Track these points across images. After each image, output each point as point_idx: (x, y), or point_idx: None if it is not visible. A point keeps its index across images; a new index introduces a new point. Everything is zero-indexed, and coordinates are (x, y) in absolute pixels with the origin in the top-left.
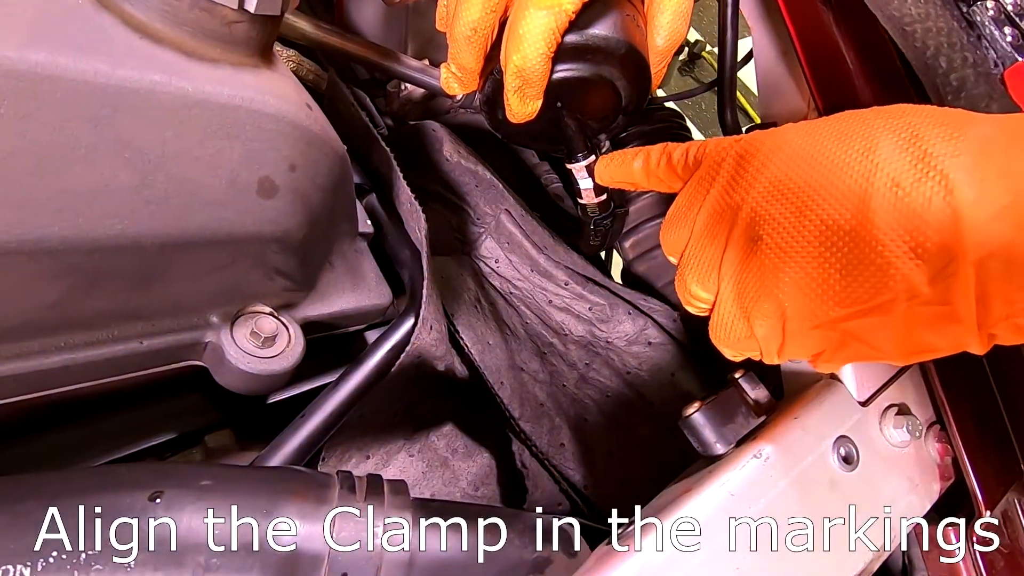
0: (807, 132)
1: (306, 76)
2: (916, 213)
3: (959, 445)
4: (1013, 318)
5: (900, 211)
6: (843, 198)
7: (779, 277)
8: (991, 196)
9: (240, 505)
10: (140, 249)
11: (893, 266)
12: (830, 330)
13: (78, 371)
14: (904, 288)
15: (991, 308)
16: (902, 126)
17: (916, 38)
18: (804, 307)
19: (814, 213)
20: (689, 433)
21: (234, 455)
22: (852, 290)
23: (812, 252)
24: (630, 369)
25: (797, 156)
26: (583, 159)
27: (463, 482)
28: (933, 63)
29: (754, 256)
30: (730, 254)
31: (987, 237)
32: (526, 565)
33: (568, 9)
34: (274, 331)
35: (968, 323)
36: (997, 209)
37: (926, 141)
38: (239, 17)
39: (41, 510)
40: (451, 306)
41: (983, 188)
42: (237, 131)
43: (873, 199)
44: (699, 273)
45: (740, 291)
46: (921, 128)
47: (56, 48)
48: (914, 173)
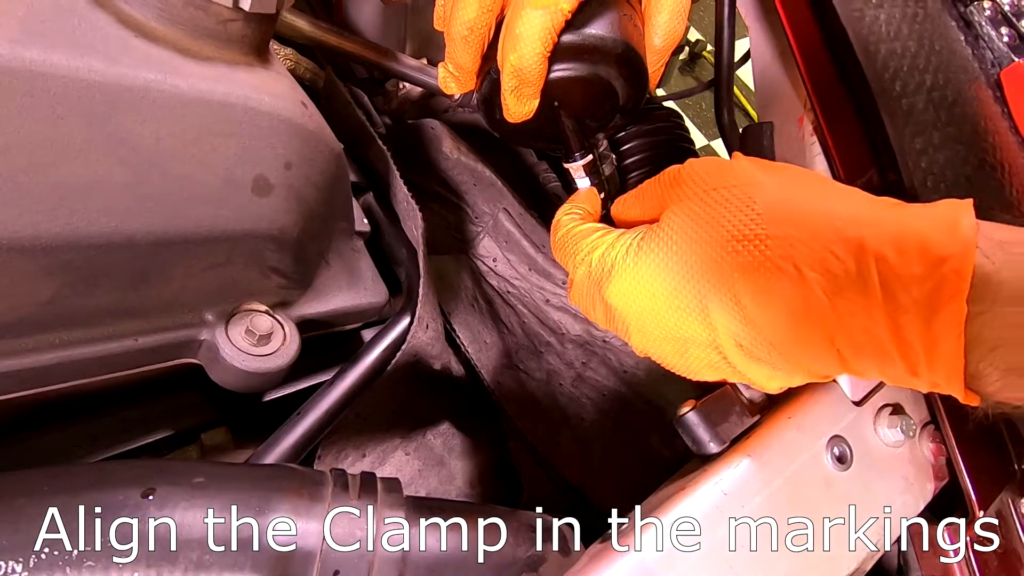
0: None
1: (303, 74)
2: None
3: (953, 445)
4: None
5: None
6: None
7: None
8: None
9: (233, 503)
10: (135, 246)
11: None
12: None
13: (73, 368)
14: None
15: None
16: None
17: (878, 59)
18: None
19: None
20: (683, 432)
21: (230, 453)
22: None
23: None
24: (627, 368)
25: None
26: (580, 159)
27: (459, 480)
28: (889, 85)
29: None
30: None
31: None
32: (520, 563)
33: (564, 9)
34: (269, 329)
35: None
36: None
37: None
38: (234, 15)
39: (34, 506)
40: (448, 305)
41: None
42: (232, 129)
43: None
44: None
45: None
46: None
47: (50, 45)
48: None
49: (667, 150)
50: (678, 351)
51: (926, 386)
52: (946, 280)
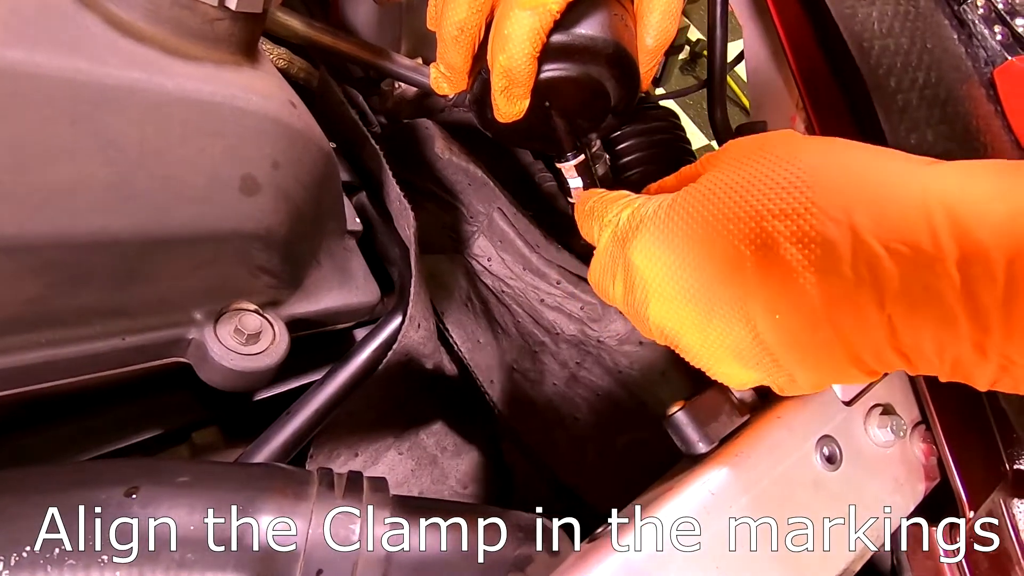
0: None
1: (297, 74)
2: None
3: (944, 445)
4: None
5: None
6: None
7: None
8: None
9: (217, 501)
10: (121, 246)
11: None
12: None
13: (60, 367)
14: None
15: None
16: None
17: (872, 55)
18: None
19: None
20: (672, 432)
21: (221, 452)
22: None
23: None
24: (621, 368)
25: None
26: (572, 158)
27: (452, 480)
28: (883, 82)
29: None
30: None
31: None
32: (507, 563)
33: (552, 9)
34: (258, 328)
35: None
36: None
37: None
38: (220, 15)
39: (16, 505)
40: (441, 304)
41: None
42: (219, 128)
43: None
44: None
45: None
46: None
47: (34, 45)
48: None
49: (663, 149)
50: (700, 324)
51: (994, 367)
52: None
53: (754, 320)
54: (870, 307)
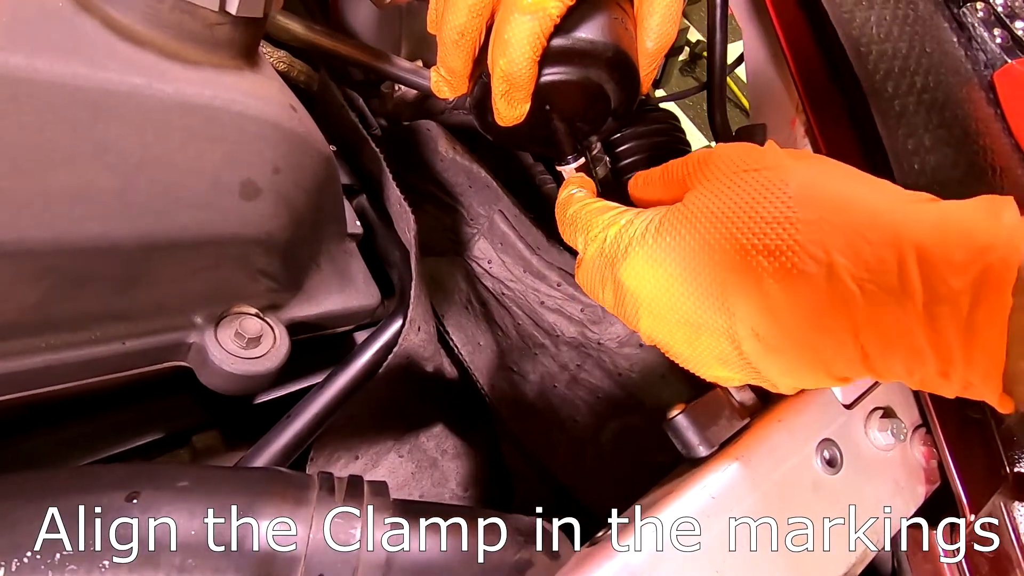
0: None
1: (297, 77)
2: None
3: (944, 448)
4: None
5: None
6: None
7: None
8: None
9: (217, 506)
10: (121, 251)
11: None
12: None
13: (61, 372)
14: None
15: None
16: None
17: (869, 60)
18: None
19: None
20: (673, 435)
21: (221, 456)
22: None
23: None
24: (621, 371)
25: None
26: (572, 161)
27: (452, 483)
28: (881, 87)
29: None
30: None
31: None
32: (508, 567)
33: (552, 13)
34: (259, 332)
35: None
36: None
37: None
38: (221, 19)
39: (17, 510)
40: (442, 307)
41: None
42: (219, 133)
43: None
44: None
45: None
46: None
47: (34, 51)
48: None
49: (663, 151)
50: (689, 339)
51: (957, 387)
52: (991, 269)
53: (739, 340)
54: (845, 336)
